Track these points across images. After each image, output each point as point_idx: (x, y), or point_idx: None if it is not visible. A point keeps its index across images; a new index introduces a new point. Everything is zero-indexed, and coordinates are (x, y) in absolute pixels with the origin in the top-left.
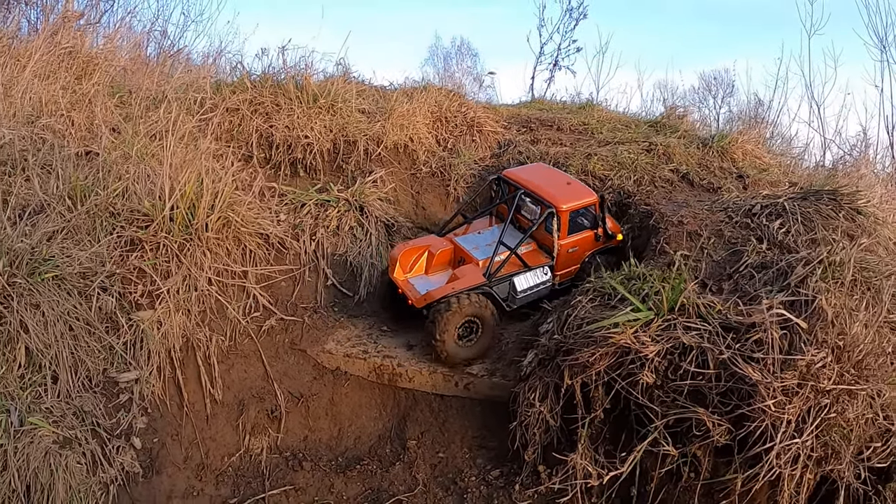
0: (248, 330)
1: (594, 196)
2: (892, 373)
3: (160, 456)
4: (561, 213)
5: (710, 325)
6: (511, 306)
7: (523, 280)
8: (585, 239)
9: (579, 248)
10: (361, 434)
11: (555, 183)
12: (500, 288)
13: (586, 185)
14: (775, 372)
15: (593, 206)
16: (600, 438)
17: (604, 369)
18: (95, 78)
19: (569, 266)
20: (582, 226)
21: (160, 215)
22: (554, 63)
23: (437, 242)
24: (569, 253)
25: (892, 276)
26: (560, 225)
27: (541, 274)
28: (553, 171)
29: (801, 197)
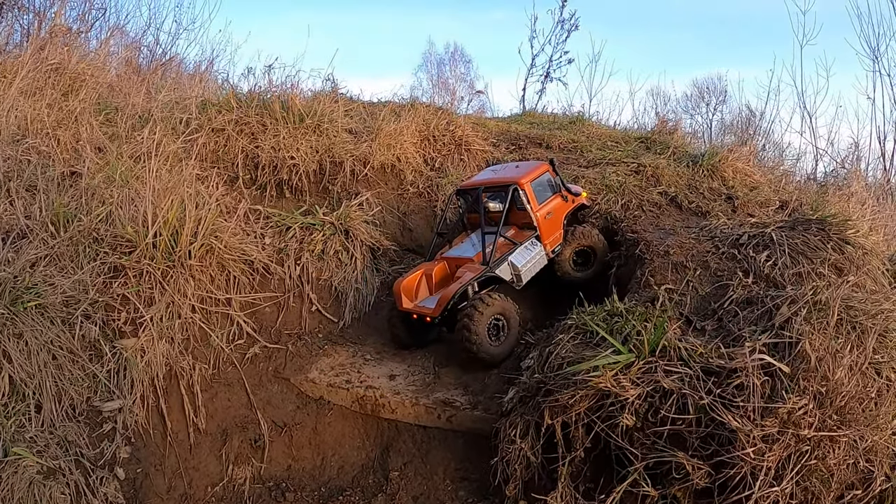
0: (231, 358)
1: (544, 164)
2: (875, 417)
3: (143, 486)
4: (523, 187)
5: (691, 369)
6: (520, 284)
7: (519, 256)
8: (556, 204)
9: (554, 213)
10: (345, 464)
11: (505, 170)
12: (503, 270)
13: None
14: (756, 419)
15: (548, 173)
16: (581, 477)
17: (584, 411)
18: (82, 94)
19: (553, 232)
20: (547, 193)
21: (143, 242)
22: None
23: (429, 265)
24: (547, 219)
25: (879, 315)
26: (528, 196)
27: (531, 246)
28: (501, 165)
29: (790, 227)
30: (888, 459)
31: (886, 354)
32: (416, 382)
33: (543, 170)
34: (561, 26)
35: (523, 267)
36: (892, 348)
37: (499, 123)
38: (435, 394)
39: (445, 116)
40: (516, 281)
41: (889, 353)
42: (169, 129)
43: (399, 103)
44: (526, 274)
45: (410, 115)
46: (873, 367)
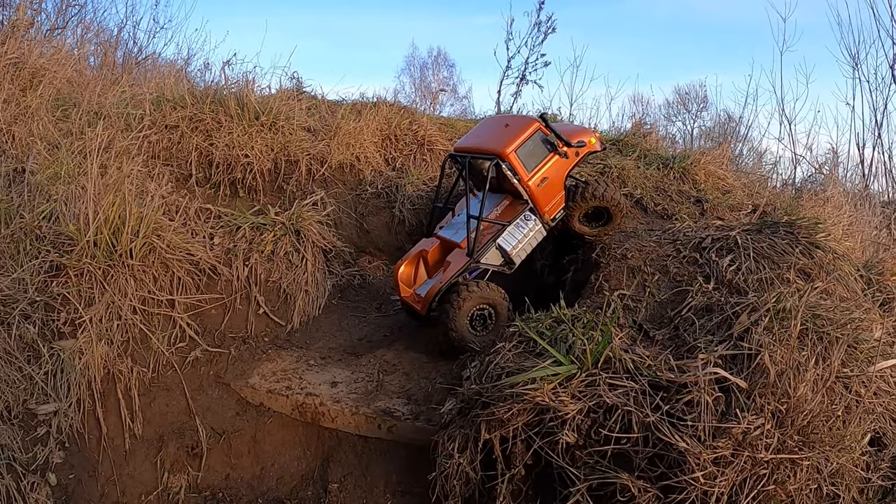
0: (172, 361)
1: (533, 122)
2: (842, 437)
3: (76, 493)
4: (507, 158)
5: (637, 382)
6: (513, 267)
7: (509, 237)
8: (552, 165)
9: (551, 177)
10: (284, 474)
11: (492, 132)
12: (490, 257)
13: (524, 116)
14: (706, 440)
15: (539, 132)
16: (522, 496)
17: (521, 426)
18: (40, 90)
19: (551, 198)
20: (540, 156)
21: (84, 240)
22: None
23: (427, 243)
24: (542, 186)
25: (849, 324)
26: (514, 168)
27: (524, 222)
28: (493, 119)
29: (756, 229)
30: (857, 483)
31: (856, 367)
32: (358, 390)
33: (532, 131)
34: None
35: (514, 249)
36: (861, 361)
37: (467, 124)
38: (376, 403)
39: (408, 115)
40: (507, 266)
41: (859, 366)
42: (123, 126)
43: (363, 102)
44: (518, 255)
45: (372, 114)
46: (841, 381)
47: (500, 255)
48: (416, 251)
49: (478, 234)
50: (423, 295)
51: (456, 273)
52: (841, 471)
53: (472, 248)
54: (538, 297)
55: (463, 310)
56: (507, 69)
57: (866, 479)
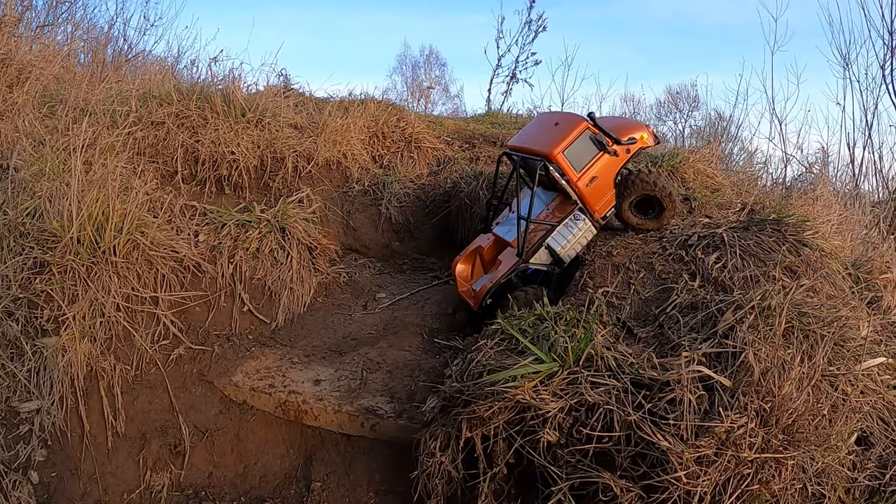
0: (155, 359)
1: (582, 122)
2: (828, 436)
3: (58, 491)
4: (555, 158)
5: (619, 381)
6: (562, 266)
7: (558, 237)
8: (602, 165)
9: (601, 176)
10: (267, 472)
11: (542, 131)
12: (540, 256)
13: (574, 114)
14: (689, 439)
15: (588, 131)
16: (504, 495)
17: (503, 424)
18: (27, 86)
19: (602, 197)
20: (589, 155)
21: (67, 236)
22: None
23: (484, 239)
24: (591, 187)
25: (835, 322)
26: (561, 169)
27: (573, 221)
28: (544, 117)
29: (743, 227)
30: (843, 483)
31: (842, 366)
32: (341, 388)
33: (580, 130)
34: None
35: (563, 249)
36: (848, 359)
37: (456, 122)
38: (359, 401)
39: (396, 113)
40: (557, 266)
41: (845, 364)
42: (108, 122)
43: (351, 99)
44: (568, 255)
45: (359, 111)
46: (827, 379)
47: (549, 254)
48: (473, 247)
49: (527, 234)
50: (478, 290)
51: (506, 273)
52: (827, 470)
53: (521, 249)
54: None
55: None
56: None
57: (853, 479)
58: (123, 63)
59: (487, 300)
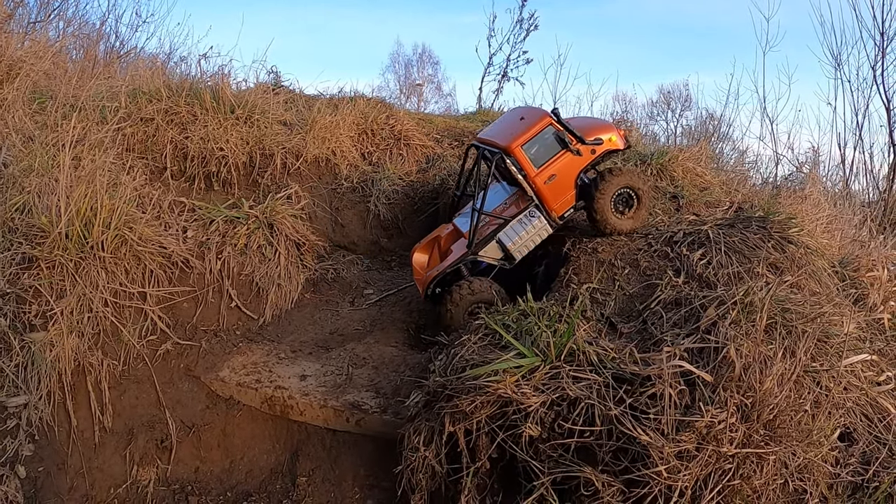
0: (142, 354)
1: (545, 117)
2: (810, 432)
3: (45, 486)
4: (513, 152)
5: (600, 375)
6: (512, 263)
7: (510, 232)
8: (563, 162)
9: (560, 174)
10: (253, 467)
11: (507, 125)
12: (490, 250)
13: (540, 109)
14: (669, 433)
15: (550, 127)
16: (488, 489)
17: (485, 418)
18: (17, 82)
19: (560, 196)
20: (550, 152)
21: (55, 231)
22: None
23: (444, 228)
24: (549, 184)
25: (819, 318)
26: (519, 163)
27: (528, 218)
28: (513, 111)
29: (729, 224)
30: (825, 478)
31: (825, 362)
32: (326, 383)
33: (542, 126)
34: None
35: (514, 245)
36: (831, 355)
37: (447, 120)
38: (345, 396)
39: (385, 110)
40: (507, 261)
41: (828, 360)
42: (98, 118)
43: (341, 97)
44: (518, 251)
45: (348, 108)
46: (810, 375)
47: (500, 249)
48: (432, 236)
49: (478, 227)
50: (423, 285)
51: (453, 263)
52: (809, 466)
53: (471, 241)
54: (509, 291)
55: (461, 305)
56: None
57: (835, 475)
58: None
59: (433, 288)
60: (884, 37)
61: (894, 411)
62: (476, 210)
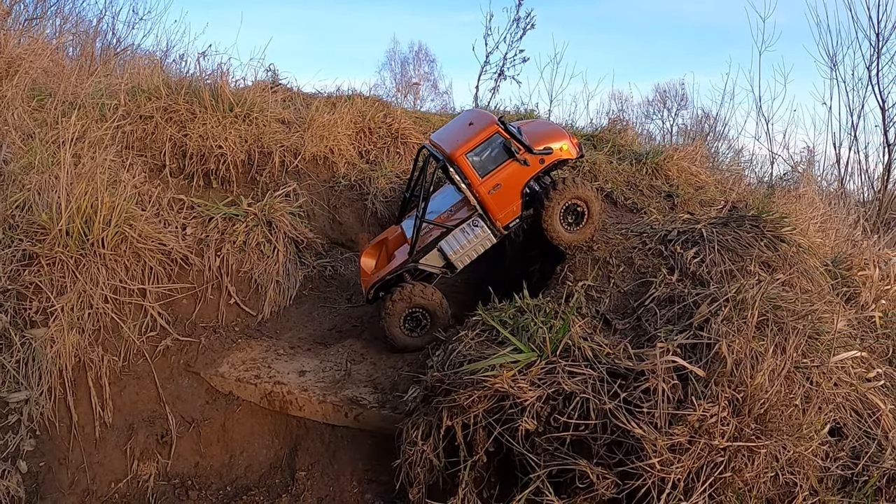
0: (142, 350)
1: (489, 127)
2: (800, 426)
3: (46, 480)
4: (457, 160)
5: (595, 370)
6: (454, 272)
7: (452, 241)
8: (508, 171)
9: (506, 184)
10: (253, 462)
11: (456, 129)
12: (432, 258)
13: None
14: (663, 427)
15: (497, 135)
16: (485, 482)
17: (482, 413)
18: (16, 80)
19: (505, 206)
20: (495, 161)
21: (56, 229)
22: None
23: (392, 231)
24: (494, 193)
25: (810, 315)
26: (463, 172)
27: (471, 227)
28: (466, 114)
29: (722, 223)
30: (815, 472)
31: (816, 358)
32: (325, 379)
33: (487, 133)
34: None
35: (455, 254)
36: (822, 352)
37: (443, 119)
38: (343, 391)
39: (382, 108)
40: (449, 271)
41: (819, 356)
42: (97, 116)
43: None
44: (460, 261)
45: (346, 107)
46: (801, 371)
47: (442, 257)
48: (380, 239)
49: (419, 235)
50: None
51: (392, 270)
52: (799, 459)
53: (413, 248)
54: (505, 288)
55: (394, 312)
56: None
57: (825, 469)
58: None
59: (373, 293)
60: (879, 37)
61: (884, 407)
62: (418, 218)
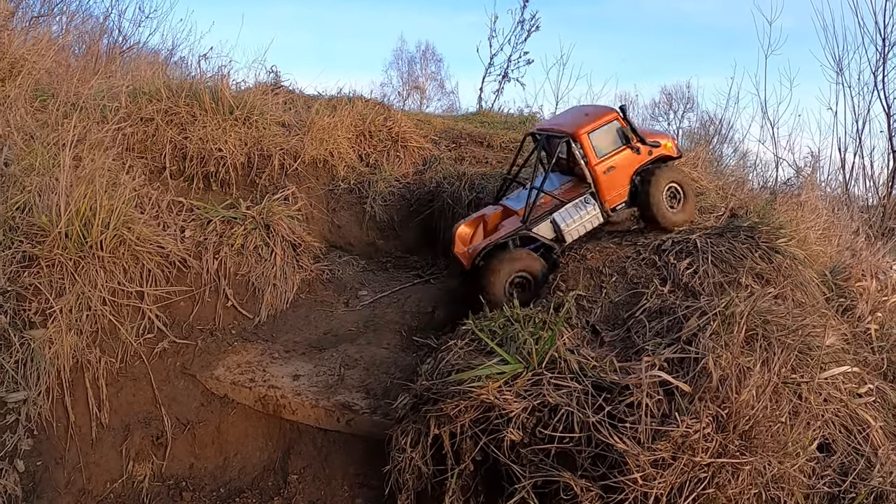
0: (139, 352)
1: (612, 112)
2: (786, 443)
3: (43, 480)
4: (579, 138)
5: (580, 383)
6: (563, 243)
7: (564, 214)
8: (621, 157)
9: (617, 168)
10: (247, 464)
11: (572, 115)
12: (543, 229)
13: (605, 106)
14: (646, 442)
15: (615, 122)
16: (471, 491)
17: (468, 422)
18: (19, 80)
19: (614, 189)
20: (613, 145)
21: (55, 231)
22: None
23: (490, 209)
24: (607, 175)
25: (800, 330)
26: (584, 149)
27: (583, 204)
28: (577, 107)
29: (718, 233)
30: (801, 489)
31: (806, 374)
32: (318, 384)
33: (609, 118)
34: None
35: (567, 227)
36: (812, 367)
37: (445, 121)
38: (336, 396)
39: (383, 111)
40: (558, 241)
41: (809, 371)
42: (98, 118)
43: (340, 97)
44: (570, 233)
45: (346, 110)
46: (789, 386)
47: (553, 229)
48: (478, 215)
49: (535, 205)
50: (469, 256)
51: (505, 235)
52: (784, 476)
53: (527, 216)
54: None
55: (502, 273)
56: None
57: (811, 486)
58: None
59: (479, 260)
60: (885, 42)
61: (874, 423)
62: (535, 188)
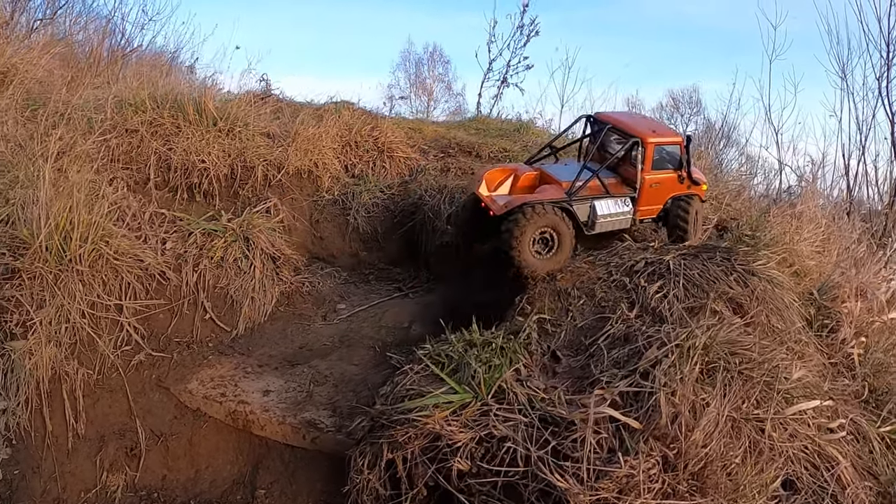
0: (117, 364)
1: (679, 136)
2: (739, 484)
3: (19, 488)
4: (647, 145)
5: (527, 416)
6: (591, 230)
7: (604, 205)
8: (668, 178)
9: (661, 186)
10: (217, 478)
11: (642, 122)
12: (581, 209)
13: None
14: (588, 481)
15: (678, 147)
16: None
17: (418, 450)
18: (10, 90)
19: (651, 203)
20: (667, 165)
21: (36, 244)
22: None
23: (523, 167)
24: (651, 188)
25: (767, 363)
26: (644, 157)
27: (622, 203)
28: (646, 117)
29: (693, 254)
30: None
31: (771, 408)
32: (287, 400)
33: (675, 141)
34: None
35: (602, 216)
36: (778, 401)
37: (437, 129)
38: (303, 413)
39: (370, 121)
40: (588, 226)
41: (774, 406)
42: (86, 128)
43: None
44: (601, 225)
45: (332, 119)
46: (752, 423)
47: (588, 213)
48: (510, 167)
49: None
50: (503, 204)
51: (549, 200)
52: None
53: (573, 191)
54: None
55: (529, 227)
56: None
57: None
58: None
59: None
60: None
61: (843, 460)
62: (592, 170)
